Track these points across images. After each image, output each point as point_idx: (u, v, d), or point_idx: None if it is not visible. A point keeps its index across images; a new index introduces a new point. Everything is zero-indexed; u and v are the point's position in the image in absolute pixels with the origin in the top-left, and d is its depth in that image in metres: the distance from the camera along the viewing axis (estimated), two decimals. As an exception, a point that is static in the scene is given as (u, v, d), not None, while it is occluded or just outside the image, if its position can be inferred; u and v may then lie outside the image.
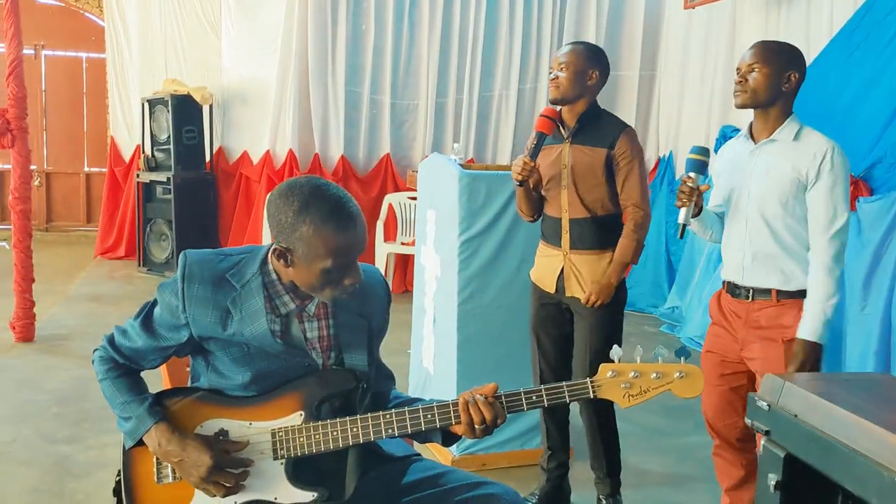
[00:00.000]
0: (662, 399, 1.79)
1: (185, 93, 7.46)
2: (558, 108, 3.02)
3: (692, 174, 2.63)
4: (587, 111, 2.98)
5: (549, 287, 3.06)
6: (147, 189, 7.67)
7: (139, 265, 7.72)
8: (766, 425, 2.05)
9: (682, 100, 7.13)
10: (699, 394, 1.77)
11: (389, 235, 7.20)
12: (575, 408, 3.19)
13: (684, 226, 2.67)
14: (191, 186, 7.52)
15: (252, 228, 7.57)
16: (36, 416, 4.03)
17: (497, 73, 7.65)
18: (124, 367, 1.87)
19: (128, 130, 8.24)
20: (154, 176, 7.54)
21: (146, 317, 1.85)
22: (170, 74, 7.80)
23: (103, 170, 8.74)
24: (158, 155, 7.64)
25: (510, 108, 7.71)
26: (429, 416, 1.77)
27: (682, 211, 2.64)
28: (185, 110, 7.44)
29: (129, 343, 1.86)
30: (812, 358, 2.49)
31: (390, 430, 1.77)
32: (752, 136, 2.67)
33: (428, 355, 3.96)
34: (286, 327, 1.84)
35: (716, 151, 6.31)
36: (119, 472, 1.86)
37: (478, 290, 3.58)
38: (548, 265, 3.08)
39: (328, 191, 1.72)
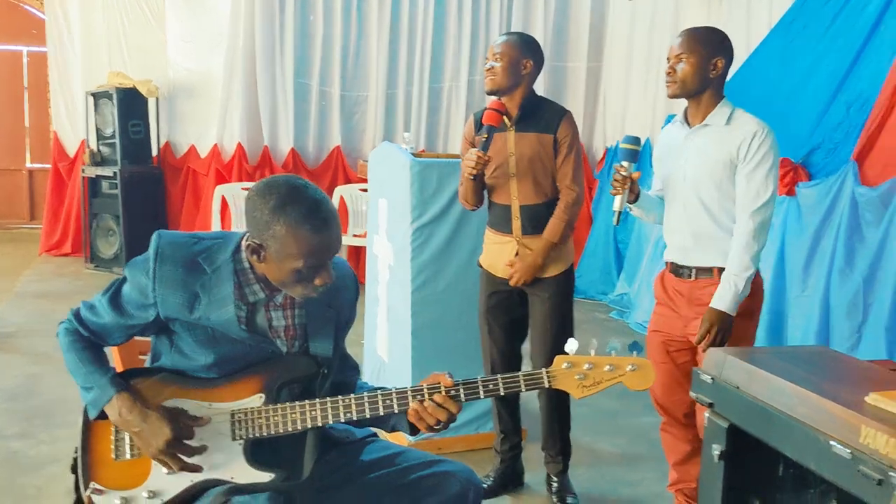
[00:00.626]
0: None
1: (131, 86, 7.35)
2: (502, 99, 3.07)
3: (624, 163, 2.72)
4: (527, 99, 3.05)
5: (504, 273, 3.11)
6: (93, 184, 7.54)
7: (86, 261, 7.59)
8: (709, 398, 2.14)
9: (627, 90, 7.24)
10: (649, 386, 1.84)
11: (342, 227, 7.18)
12: (530, 393, 3.25)
13: (620, 213, 2.75)
14: (138, 181, 7.42)
15: (201, 223, 7.49)
16: (-15, 414, 3.96)
17: (446, 64, 7.69)
18: (88, 341, 1.87)
19: (71, 125, 8.08)
20: (100, 170, 7.42)
21: (115, 293, 1.86)
22: (113, 68, 7.67)
23: (46, 166, 8.56)
24: (104, 149, 7.51)
25: (460, 99, 7.75)
26: (387, 401, 1.81)
27: (617, 199, 2.73)
28: (131, 104, 7.34)
29: (96, 318, 1.87)
30: (720, 327, 2.59)
31: (349, 414, 1.80)
32: (687, 121, 2.76)
33: (382, 344, 3.99)
34: (252, 315, 1.86)
35: (660, 140, 6.46)
36: (76, 448, 1.85)
37: (431, 278, 3.62)
38: (500, 252, 3.13)
39: (306, 192, 1.74)
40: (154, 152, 7.68)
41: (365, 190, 7.04)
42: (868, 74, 4.37)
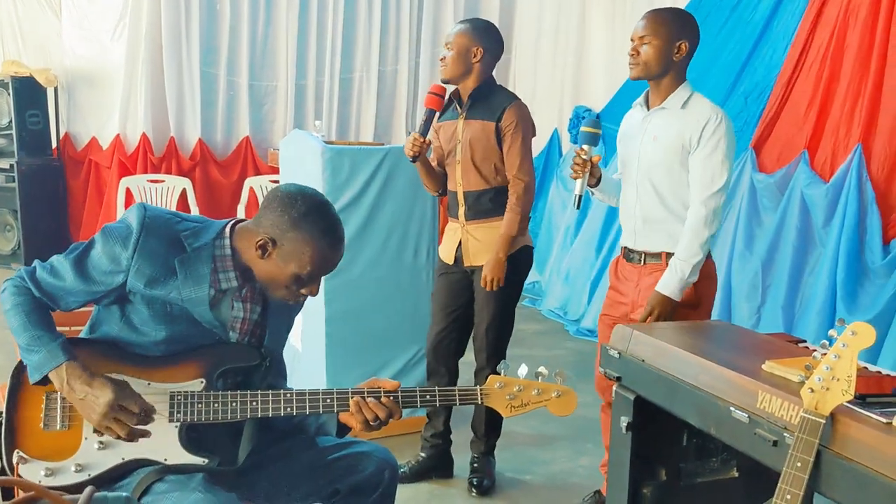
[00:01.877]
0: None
1: (27, 75, 7.04)
2: (448, 85, 3.09)
3: (585, 146, 2.71)
4: (478, 87, 3.06)
5: (448, 258, 3.16)
6: (-13, 177, 7.20)
7: (-10, 260, 7.25)
8: (617, 372, 2.22)
9: (535, 81, 7.35)
10: (571, 412, 1.92)
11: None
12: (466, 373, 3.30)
13: (580, 196, 2.74)
14: (37, 174, 7.11)
15: (105, 216, 7.24)
16: None
17: (357, 54, 7.64)
18: (38, 302, 1.81)
19: (-36, 115, 7.69)
20: (-6, 163, 7.09)
21: (81, 256, 1.81)
22: (7, 56, 7.34)
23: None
24: (0, 141, 7.18)
25: (371, 90, 7.72)
26: (327, 400, 1.83)
27: (577, 182, 2.73)
28: (28, 93, 7.02)
29: (55, 280, 1.81)
30: (661, 310, 2.59)
31: (289, 409, 1.82)
32: (647, 104, 2.75)
33: (295, 333, 3.96)
34: (218, 302, 1.86)
35: (570, 132, 6.59)
36: (1, 413, 1.80)
37: (345, 265, 3.57)
38: (450, 237, 3.19)
39: (330, 209, 1.85)
40: (54, 144, 7.38)
41: (276, 181, 6.96)
42: (764, 66, 4.58)
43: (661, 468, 2.23)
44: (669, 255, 2.67)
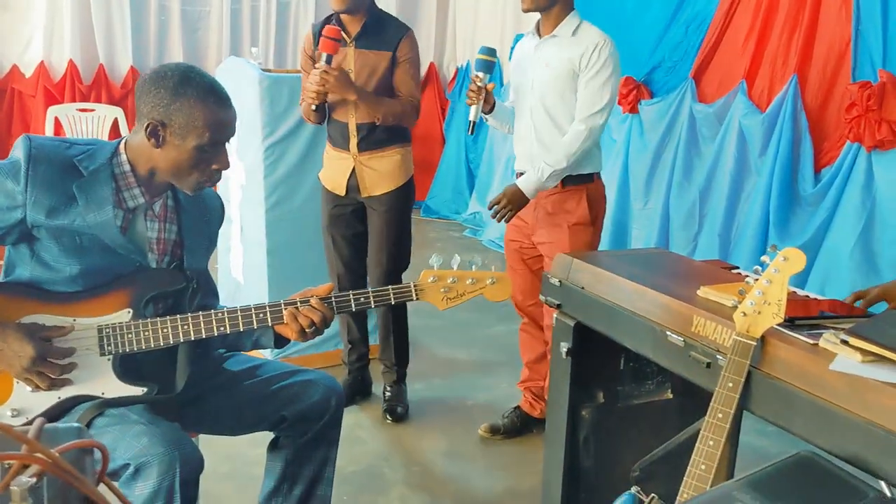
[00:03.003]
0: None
1: (-57, -4, 6.68)
2: (334, 22, 3.01)
3: (480, 73, 2.78)
4: (371, 16, 3.02)
5: (340, 190, 3.15)
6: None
7: None
8: (557, 299, 2.26)
9: (477, 10, 7.25)
10: (508, 297, 1.94)
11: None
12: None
13: (474, 122, 2.82)
14: (-42, 102, 6.81)
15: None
16: None
17: (293, -23, 7.42)
18: None
19: None
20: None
21: None
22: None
23: None
24: (-85, 67, 6.83)
25: (308, 14, 7.51)
26: (260, 314, 1.80)
27: (472, 108, 2.80)
28: (-56, 16, 6.67)
29: None
30: (510, 201, 2.78)
31: (221, 328, 1.78)
32: (538, 33, 2.85)
33: (237, 265, 3.93)
34: (130, 223, 1.80)
35: (511, 61, 6.55)
36: None
37: (285, 196, 3.57)
38: (337, 168, 3.14)
39: (202, 72, 1.77)
40: (-24, 71, 7.05)
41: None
42: (705, -5, 4.58)
43: (599, 391, 2.30)
44: (564, 178, 2.81)
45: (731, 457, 2.09)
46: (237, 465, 2.81)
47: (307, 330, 1.81)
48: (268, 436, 2.03)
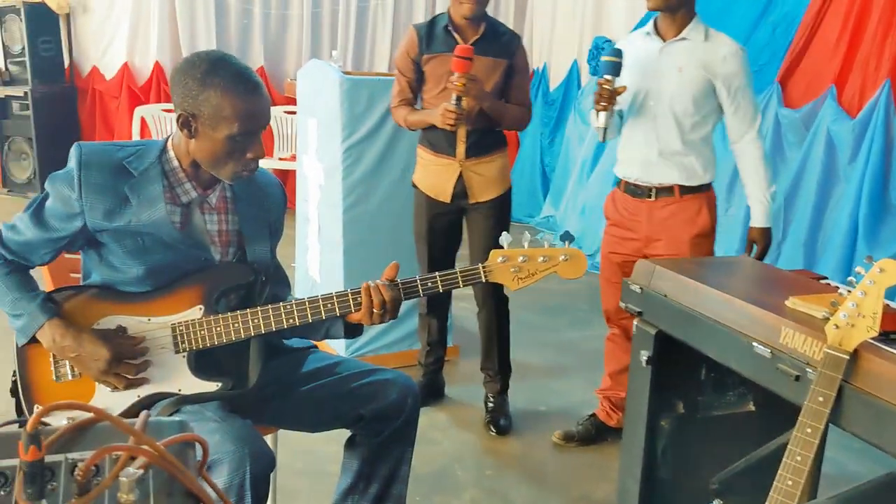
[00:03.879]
0: (541, 299, 1.89)
1: (40, 1, 6.96)
2: (448, 27, 2.99)
3: (608, 76, 2.64)
4: (488, 23, 3.00)
5: (445, 196, 3.08)
6: (2, 105, 7.18)
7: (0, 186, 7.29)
8: (638, 307, 2.22)
9: (555, 11, 7.21)
10: (582, 275, 1.87)
11: (267, 151, 7.05)
12: (465, 310, 3.32)
13: (605, 129, 2.69)
14: (51, 101, 7.10)
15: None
16: None
17: (373, -18, 7.50)
18: (13, 264, 1.82)
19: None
20: (9, 90, 7.06)
21: (37, 209, 1.80)
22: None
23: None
24: (13, 68, 7.14)
25: (387, 18, 7.59)
26: (328, 304, 1.80)
27: (602, 115, 2.66)
28: (40, 20, 6.96)
29: (19, 237, 1.81)
30: (767, 242, 2.72)
31: (291, 320, 1.79)
32: (658, 34, 2.72)
33: (314, 264, 3.99)
34: (187, 218, 1.83)
35: (589, 62, 6.48)
36: (14, 371, 1.82)
37: (362, 197, 3.60)
38: (441, 174, 3.07)
39: (233, 59, 1.74)
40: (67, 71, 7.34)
41: (291, 112, 6.91)
42: (793, -4, 4.46)
43: (678, 401, 2.26)
44: (682, 188, 2.73)
45: (816, 473, 2.03)
46: (312, 461, 2.85)
47: (376, 311, 1.79)
48: (343, 433, 2.05)
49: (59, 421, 1.71)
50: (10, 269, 1.81)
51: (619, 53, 2.68)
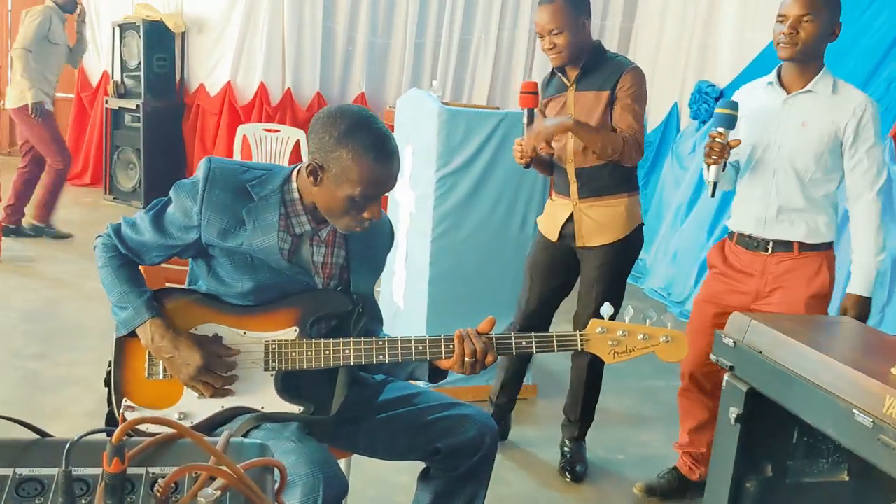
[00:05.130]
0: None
1: (158, 19, 7.29)
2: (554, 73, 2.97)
3: (721, 129, 2.54)
4: (590, 58, 2.91)
5: (552, 235, 3.03)
6: (116, 116, 7.52)
7: (105, 193, 7.60)
8: (730, 361, 2.14)
9: (657, 53, 7.12)
10: (681, 359, 1.84)
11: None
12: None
13: (715, 184, 2.58)
14: (160, 115, 7.38)
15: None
16: (4, 333, 4.01)
17: (477, 16, 7.57)
18: (126, 258, 1.87)
19: (96, 55, 8.03)
20: (123, 103, 7.39)
21: (158, 213, 1.86)
22: (138, -1, 7.60)
23: (70, 95, 8.53)
24: (128, 82, 7.47)
25: (489, 52, 7.65)
26: (420, 347, 1.81)
27: (713, 168, 2.55)
28: (157, 37, 7.28)
29: (136, 235, 1.87)
30: (862, 312, 2.52)
31: (381, 356, 1.81)
32: (782, 86, 2.60)
33: (399, 290, 4.00)
34: (296, 247, 1.87)
35: (691, 107, 6.37)
36: (110, 362, 1.86)
37: (452, 227, 3.60)
38: (556, 214, 3.04)
39: (376, 123, 1.76)
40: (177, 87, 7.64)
41: (387, 138, 7.00)
42: (911, 50, 4.29)
43: (767, 464, 2.16)
44: (802, 245, 2.59)
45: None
46: (384, 489, 2.83)
47: (468, 359, 1.79)
48: (416, 464, 2.03)
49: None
50: (122, 261, 1.87)
51: (734, 106, 2.57)
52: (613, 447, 3.42)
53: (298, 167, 1.86)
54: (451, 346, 1.80)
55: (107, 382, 1.87)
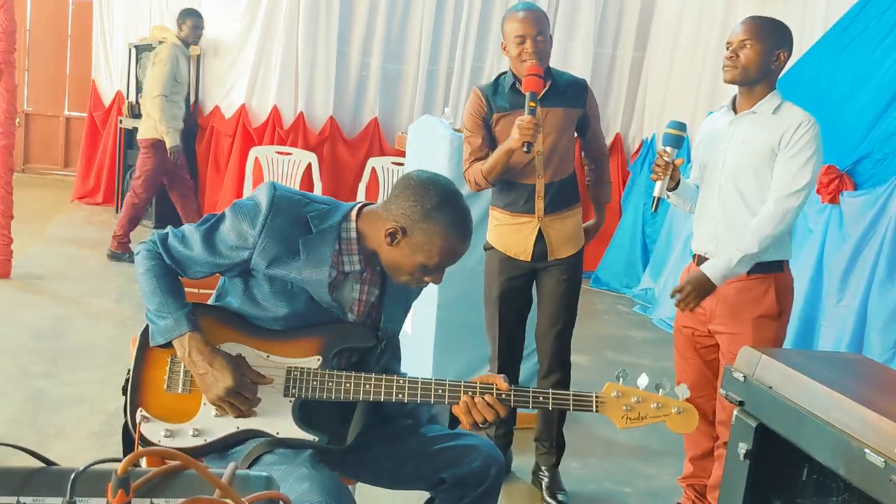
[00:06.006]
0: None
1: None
2: (542, 66, 2.91)
3: (668, 148, 2.67)
4: (553, 74, 2.96)
5: (525, 255, 3.03)
6: (129, 136, 7.56)
7: (117, 212, 7.61)
8: (740, 396, 2.12)
9: (668, 83, 7.13)
10: (691, 431, 1.88)
11: (371, 199, 7.19)
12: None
13: (658, 199, 2.71)
14: (174, 136, 7.41)
15: (230, 183, 7.44)
16: (12, 350, 4.02)
17: (490, 44, 7.61)
18: (168, 268, 1.88)
19: (109, 76, 8.10)
20: (137, 123, 7.42)
21: (211, 229, 1.86)
22: (154, 22, 7.68)
23: (83, 114, 8.61)
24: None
25: (501, 78, 7.68)
26: (439, 391, 1.83)
27: (658, 184, 2.69)
28: (173, 59, 7.33)
29: (184, 249, 1.87)
30: (696, 289, 2.62)
31: (401, 395, 1.82)
32: (734, 109, 2.72)
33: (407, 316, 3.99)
34: (340, 283, 1.88)
35: (701, 137, 6.38)
36: (129, 370, 1.87)
37: (462, 253, 3.59)
38: (520, 232, 3.03)
39: (462, 201, 1.85)
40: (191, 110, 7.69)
41: (398, 164, 7.03)
42: (923, 87, 4.28)
43: (776, 501, 2.12)
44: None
45: None
46: (387, 517, 2.81)
47: (480, 425, 1.82)
48: (422, 494, 2.02)
49: (157, 431, 1.77)
50: (165, 270, 1.87)
51: (682, 127, 2.72)
52: (620, 479, 3.38)
53: (359, 206, 1.89)
54: (471, 392, 1.82)
55: (124, 390, 1.87)
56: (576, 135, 3.11)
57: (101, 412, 3.26)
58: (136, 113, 7.50)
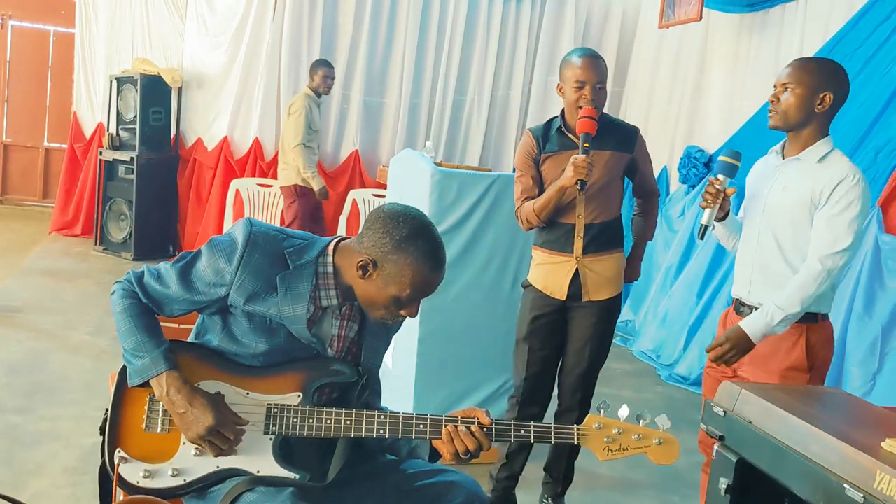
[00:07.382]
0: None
1: (156, 73, 7.37)
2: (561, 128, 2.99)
3: (721, 176, 2.58)
4: (603, 118, 2.94)
5: (561, 294, 3.00)
6: (109, 167, 7.54)
7: (96, 244, 7.59)
8: (720, 431, 2.11)
9: (647, 118, 7.23)
10: (672, 462, 1.87)
11: (351, 231, 7.20)
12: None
13: (706, 227, 2.60)
14: (154, 168, 7.41)
15: (210, 216, 7.43)
16: (-15, 386, 3.95)
17: (471, 78, 7.69)
18: (145, 307, 1.86)
19: (90, 107, 8.09)
20: (117, 155, 7.42)
21: (187, 266, 1.85)
22: (136, 54, 7.70)
23: (63, 145, 8.58)
24: (123, 134, 7.53)
25: (482, 113, 7.75)
26: (421, 426, 1.82)
27: (706, 212, 2.58)
28: (154, 91, 7.35)
29: (161, 287, 1.85)
30: (734, 346, 2.48)
31: (382, 431, 1.81)
32: (783, 153, 2.62)
33: (388, 350, 3.97)
34: (319, 319, 1.87)
35: (680, 171, 6.45)
36: (107, 410, 1.84)
37: (442, 287, 3.51)
38: (557, 272, 3.01)
39: (433, 232, 1.82)
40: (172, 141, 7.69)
41: (379, 196, 7.05)
42: (897, 121, 4.36)
43: (758, 536, 2.12)
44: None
45: None
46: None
47: (462, 455, 1.81)
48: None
49: (136, 472, 1.76)
50: (141, 309, 1.85)
51: (737, 156, 2.60)
52: (602, 514, 3.37)
53: (336, 241, 1.88)
54: (453, 426, 1.81)
55: (102, 430, 1.84)
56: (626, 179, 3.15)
57: (77, 447, 3.21)
58: (116, 144, 7.49)
